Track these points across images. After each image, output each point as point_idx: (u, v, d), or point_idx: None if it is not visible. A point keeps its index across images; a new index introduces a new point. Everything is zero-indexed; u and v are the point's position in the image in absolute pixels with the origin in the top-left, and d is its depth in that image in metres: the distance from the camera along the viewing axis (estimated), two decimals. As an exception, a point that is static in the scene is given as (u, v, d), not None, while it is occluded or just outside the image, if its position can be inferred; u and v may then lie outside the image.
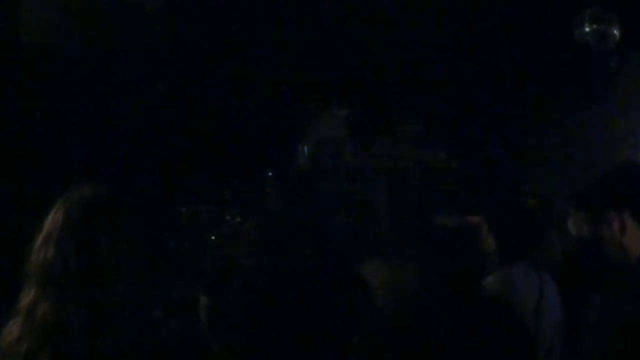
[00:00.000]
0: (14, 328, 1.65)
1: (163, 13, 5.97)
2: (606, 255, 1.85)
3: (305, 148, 6.96)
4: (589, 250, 3.21)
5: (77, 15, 6.04)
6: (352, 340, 1.88)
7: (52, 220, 1.68)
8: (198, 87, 7.89)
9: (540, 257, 3.75)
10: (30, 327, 1.61)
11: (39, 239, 1.68)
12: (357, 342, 1.86)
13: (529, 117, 8.27)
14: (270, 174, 7.38)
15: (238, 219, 6.93)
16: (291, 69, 7.91)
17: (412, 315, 1.83)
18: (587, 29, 5.52)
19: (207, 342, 3.61)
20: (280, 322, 2.26)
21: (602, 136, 7.56)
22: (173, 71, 7.67)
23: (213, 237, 6.96)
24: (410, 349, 1.78)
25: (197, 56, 7.59)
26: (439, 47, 7.84)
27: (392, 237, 3.31)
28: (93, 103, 7.11)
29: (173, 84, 7.75)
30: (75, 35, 6.54)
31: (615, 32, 5.49)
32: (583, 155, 7.44)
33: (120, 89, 7.34)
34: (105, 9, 6.03)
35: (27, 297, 1.65)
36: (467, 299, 1.89)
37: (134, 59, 7.36)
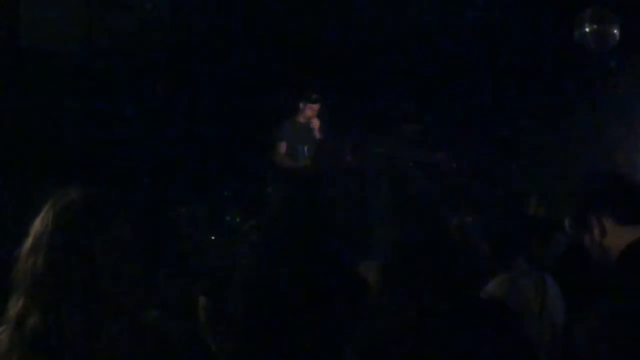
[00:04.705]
0: (2, 338, 1.57)
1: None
2: (590, 260, 1.92)
3: (305, 148, 6.95)
4: (578, 253, 3.20)
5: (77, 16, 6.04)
6: (352, 340, 1.88)
7: (41, 224, 1.58)
8: (195, 87, 7.90)
9: (545, 257, 3.73)
10: (20, 339, 1.53)
11: (27, 244, 1.58)
12: (357, 342, 1.86)
13: (529, 116, 8.26)
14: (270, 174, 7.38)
15: (238, 219, 6.93)
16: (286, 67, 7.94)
17: (411, 317, 1.83)
18: (587, 29, 5.51)
19: (207, 342, 3.61)
20: (279, 322, 2.26)
21: (602, 136, 7.55)
22: (169, 72, 7.68)
23: (213, 237, 6.96)
24: (409, 352, 1.79)
25: (193, 56, 7.60)
26: (438, 47, 7.84)
27: (388, 237, 3.30)
28: (92, 104, 7.12)
29: (171, 84, 7.76)
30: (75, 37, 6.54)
31: (615, 32, 5.49)
32: (583, 155, 7.44)
33: (120, 90, 7.34)
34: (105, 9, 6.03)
35: (16, 306, 1.56)
36: (465, 303, 1.89)
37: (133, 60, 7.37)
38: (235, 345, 2.40)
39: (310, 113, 7.08)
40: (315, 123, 7.06)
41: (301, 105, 7.09)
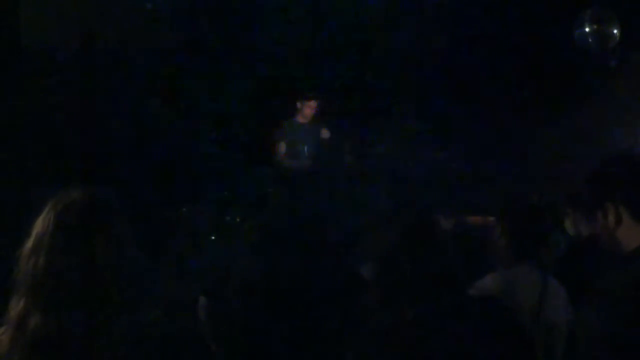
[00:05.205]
0: (3, 339, 1.58)
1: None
2: (601, 251, 1.85)
3: (305, 148, 6.95)
4: (586, 249, 3.19)
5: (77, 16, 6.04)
6: (351, 340, 1.88)
7: (42, 225, 1.58)
8: (195, 87, 7.90)
9: (544, 256, 3.73)
10: (21, 340, 1.54)
11: (28, 245, 1.58)
12: (355, 343, 1.86)
13: (530, 117, 8.26)
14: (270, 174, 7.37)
15: (238, 219, 6.92)
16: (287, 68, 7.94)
17: (410, 317, 1.83)
18: (587, 29, 5.51)
19: (207, 342, 3.61)
20: (279, 321, 2.26)
21: (602, 136, 7.55)
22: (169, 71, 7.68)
23: (213, 237, 6.95)
24: (407, 350, 1.79)
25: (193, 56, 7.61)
26: (438, 46, 7.84)
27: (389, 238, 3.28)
28: (92, 104, 7.12)
29: (170, 84, 7.76)
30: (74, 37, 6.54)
31: (615, 32, 5.49)
32: (582, 155, 7.43)
33: (119, 90, 7.34)
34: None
35: (17, 307, 1.56)
36: (462, 301, 1.89)
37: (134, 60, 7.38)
38: (235, 345, 2.41)
39: (309, 112, 7.06)
40: (325, 132, 7.05)
41: (299, 104, 7.07)
